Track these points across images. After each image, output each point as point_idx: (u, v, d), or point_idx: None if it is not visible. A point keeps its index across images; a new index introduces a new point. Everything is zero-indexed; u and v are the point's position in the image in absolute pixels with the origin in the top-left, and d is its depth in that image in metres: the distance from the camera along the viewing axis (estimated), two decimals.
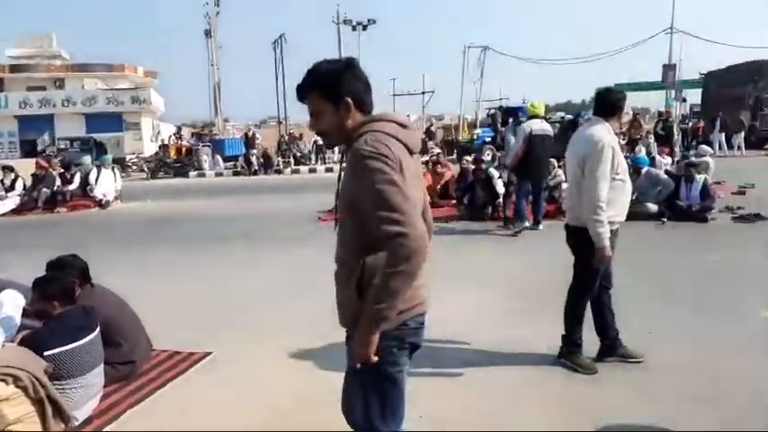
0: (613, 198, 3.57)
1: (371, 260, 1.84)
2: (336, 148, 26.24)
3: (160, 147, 26.83)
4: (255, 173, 22.84)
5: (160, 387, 3.74)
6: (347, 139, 1.94)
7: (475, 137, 25.06)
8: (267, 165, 23.33)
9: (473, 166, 10.46)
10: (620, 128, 3.71)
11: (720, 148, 22.06)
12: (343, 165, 2.00)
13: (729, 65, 32.94)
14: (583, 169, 3.58)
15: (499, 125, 22.09)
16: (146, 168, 24.24)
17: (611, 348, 3.90)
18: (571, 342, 3.85)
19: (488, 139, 22.60)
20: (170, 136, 29.66)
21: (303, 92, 1.97)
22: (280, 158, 24.93)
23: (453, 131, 36.18)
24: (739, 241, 7.45)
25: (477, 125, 33.48)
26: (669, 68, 32.30)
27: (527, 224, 8.47)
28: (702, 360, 3.85)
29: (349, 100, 1.90)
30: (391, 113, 2.02)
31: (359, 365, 1.86)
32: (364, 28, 34.52)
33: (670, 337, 4.29)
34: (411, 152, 1.93)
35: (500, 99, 61.68)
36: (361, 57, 35.53)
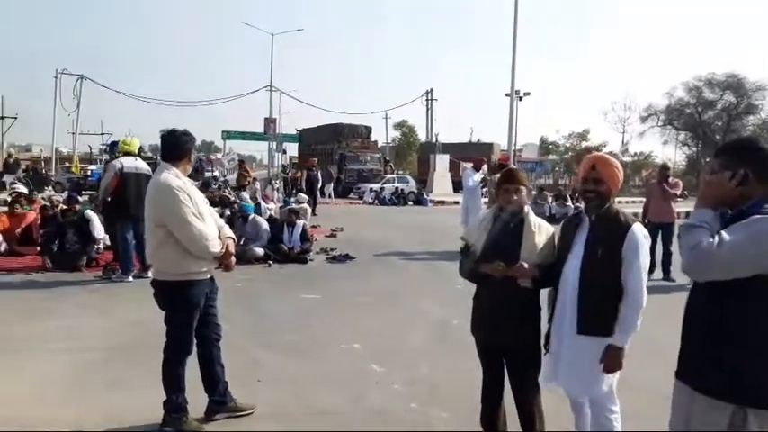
0: None
1: None
2: None
3: None
4: None
5: None
6: None
7: (89, 172, 22.79)
8: None
9: (64, 207, 9.02)
10: (187, 171, 3.62)
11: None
12: None
13: (319, 124, 38.24)
14: (163, 222, 3.36)
15: None
16: None
17: (221, 404, 3.66)
18: (174, 407, 3.43)
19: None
20: None
21: None
22: None
23: (44, 164, 31.42)
24: (333, 279, 8.29)
25: (90, 160, 30.26)
26: (270, 121, 35.46)
27: (131, 278, 7.64)
28: (298, 403, 3.94)
29: None
30: None
31: None
32: None
33: (274, 382, 4.29)
34: None
35: (102, 134, 57.02)
36: None
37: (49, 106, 35.26)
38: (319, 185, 20.70)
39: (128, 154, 7.92)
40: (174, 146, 3.54)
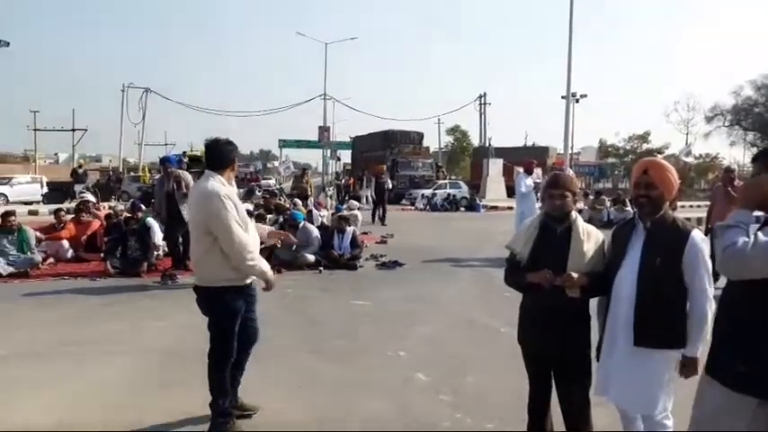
0: None
1: None
2: None
3: None
4: None
5: None
6: None
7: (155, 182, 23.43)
8: None
9: (128, 215, 9.43)
10: (235, 177, 3.75)
11: (367, 202, 25.26)
12: None
13: (371, 131, 38.54)
14: (210, 230, 3.40)
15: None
16: None
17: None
18: (220, 412, 3.51)
19: None
20: None
21: None
22: None
23: (112, 173, 33.03)
24: (382, 286, 8.29)
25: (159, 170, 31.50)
26: (324, 129, 36.04)
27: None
28: (342, 410, 3.93)
29: None
30: None
31: None
32: None
33: (319, 388, 4.31)
34: None
35: (166, 144, 59.34)
36: None
37: (116, 118, 37.21)
38: (389, 194, 19.21)
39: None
40: (218, 154, 3.60)
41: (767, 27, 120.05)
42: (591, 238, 2.91)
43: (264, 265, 3.56)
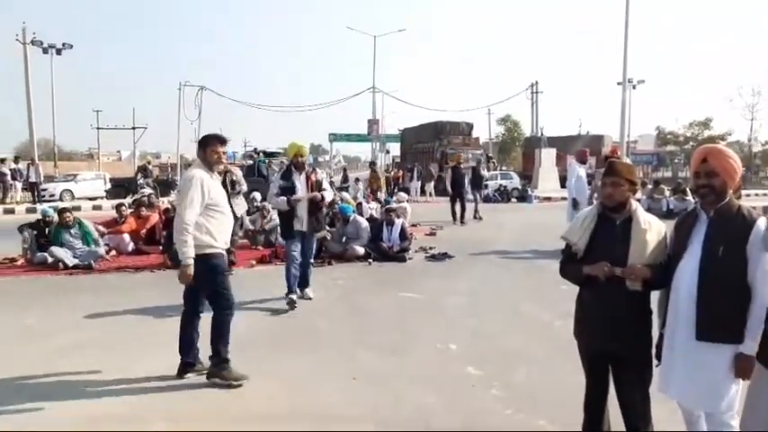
0: (212, 227, 4.14)
1: None
2: None
3: None
4: None
5: None
6: None
7: None
8: None
9: None
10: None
11: (416, 194, 25.21)
12: None
13: (421, 123, 38.28)
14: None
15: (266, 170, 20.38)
16: None
17: (191, 366, 4.32)
18: (224, 358, 4.16)
19: None
20: None
21: None
22: None
23: (170, 170, 34.17)
24: (431, 278, 8.24)
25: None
26: (373, 123, 36.11)
27: (294, 297, 6.39)
28: (393, 403, 3.91)
29: None
30: None
31: None
32: (58, 52, 30.40)
33: (370, 380, 4.30)
34: None
35: None
36: (55, 83, 31.56)
37: (174, 115, 38.39)
38: (467, 186, 16.19)
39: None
40: (198, 144, 4.39)
41: None
42: (653, 229, 2.77)
43: (189, 253, 3.98)
